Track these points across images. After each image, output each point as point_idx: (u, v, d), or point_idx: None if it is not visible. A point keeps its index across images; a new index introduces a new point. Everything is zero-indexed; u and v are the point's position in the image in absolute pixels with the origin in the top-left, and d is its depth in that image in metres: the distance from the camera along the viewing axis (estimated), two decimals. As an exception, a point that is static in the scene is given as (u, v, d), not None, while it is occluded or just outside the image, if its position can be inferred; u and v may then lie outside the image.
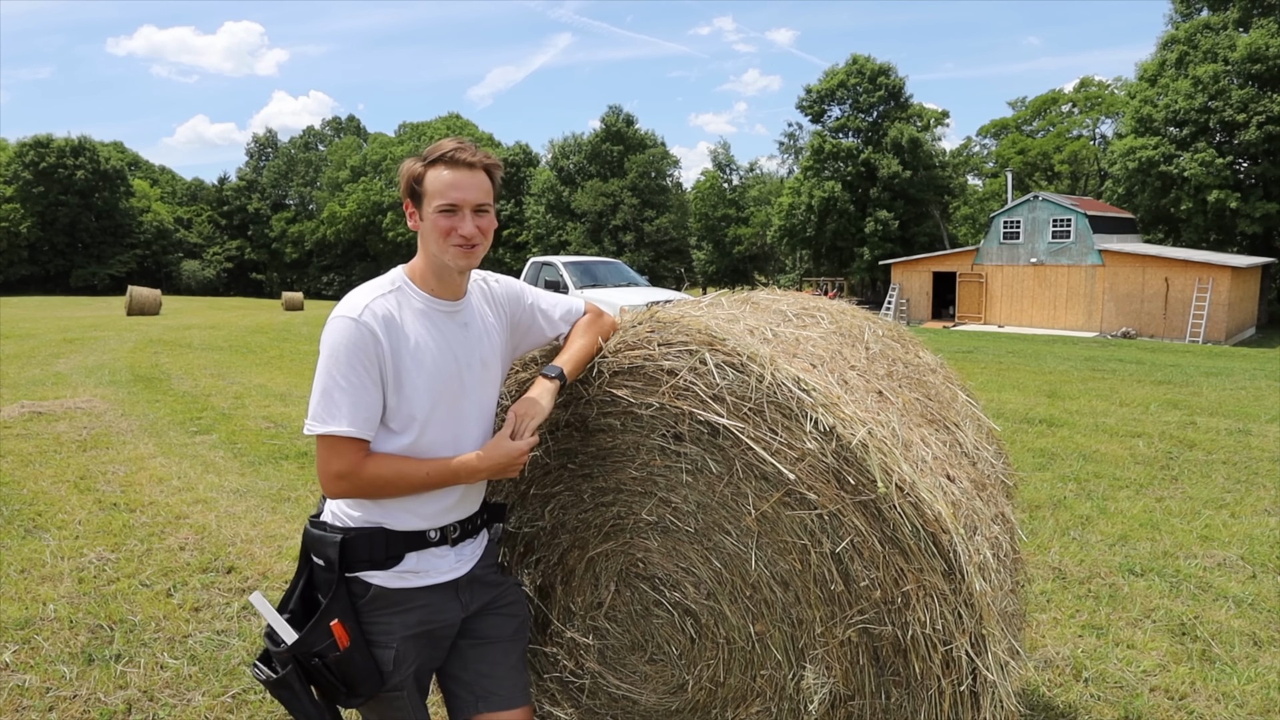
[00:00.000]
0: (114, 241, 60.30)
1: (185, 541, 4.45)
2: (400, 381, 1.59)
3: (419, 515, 1.69)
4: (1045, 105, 49.83)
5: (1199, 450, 6.76)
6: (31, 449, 6.53)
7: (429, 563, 1.70)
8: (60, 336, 16.85)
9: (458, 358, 1.68)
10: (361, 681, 1.65)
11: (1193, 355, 17.02)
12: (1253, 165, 30.37)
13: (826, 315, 2.29)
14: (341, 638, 1.61)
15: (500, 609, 1.85)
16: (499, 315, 1.84)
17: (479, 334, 1.75)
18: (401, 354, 1.59)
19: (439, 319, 1.68)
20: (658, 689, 2.07)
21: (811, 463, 1.69)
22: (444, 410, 1.66)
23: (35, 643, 3.27)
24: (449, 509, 1.72)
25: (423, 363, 1.62)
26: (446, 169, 1.62)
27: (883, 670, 1.73)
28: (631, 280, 14.80)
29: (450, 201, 1.61)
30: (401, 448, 1.62)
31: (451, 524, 1.73)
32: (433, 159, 1.63)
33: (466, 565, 1.77)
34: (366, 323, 1.55)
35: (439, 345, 1.65)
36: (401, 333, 1.61)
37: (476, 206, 1.63)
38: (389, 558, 1.65)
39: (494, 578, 1.85)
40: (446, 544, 1.72)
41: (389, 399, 1.59)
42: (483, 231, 1.65)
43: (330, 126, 76.01)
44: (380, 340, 1.56)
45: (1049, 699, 2.93)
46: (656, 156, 51.13)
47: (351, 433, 1.54)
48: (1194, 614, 3.59)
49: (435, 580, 1.71)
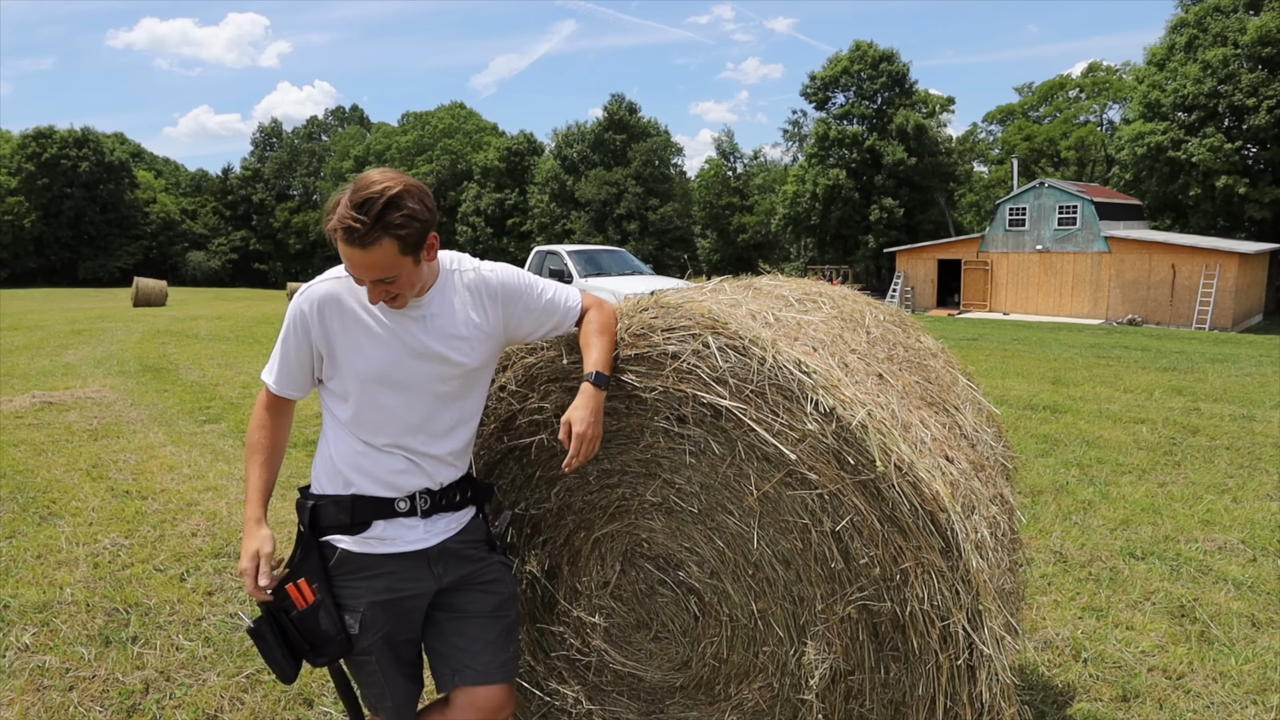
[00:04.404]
0: (120, 233, 60.47)
1: (197, 527, 4.52)
2: (335, 358, 1.72)
3: (370, 478, 1.73)
4: (1052, 91, 49.40)
5: (1202, 436, 6.78)
6: (44, 438, 6.61)
7: (396, 531, 1.74)
8: (68, 328, 16.96)
9: (408, 347, 1.69)
10: (325, 642, 1.72)
11: (1199, 342, 16.96)
12: (1262, 150, 30.11)
13: (828, 300, 2.32)
14: (298, 598, 1.69)
15: (479, 584, 1.85)
16: (486, 309, 1.80)
17: (444, 327, 1.73)
18: (335, 335, 1.70)
19: (391, 309, 1.69)
20: (662, 666, 2.12)
21: (812, 443, 1.72)
22: (384, 394, 1.70)
23: (54, 625, 3.34)
24: (399, 473, 1.74)
25: (360, 346, 1.69)
26: (343, 244, 1.55)
27: (882, 646, 1.78)
28: (636, 269, 14.80)
29: (358, 276, 1.60)
30: (346, 417, 1.75)
31: (416, 493, 1.76)
32: (331, 219, 1.55)
33: (437, 538, 1.78)
34: (301, 304, 1.71)
35: (384, 333, 1.68)
36: (340, 315, 1.69)
37: (376, 281, 1.59)
38: (355, 524, 1.72)
39: (473, 553, 1.85)
40: (416, 515, 1.76)
41: (326, 370, 1.75)
42: (397, 290, 1.62)
43: (334, 116, 75.91)
44: (310, 321, 1.70)
45: (1048, 678, 2.97)
46: (660, 145, 50.93)
47: (273, 388, 1.77)
48: (1193, 596, 3.63)
49: (402, 549, 1.75)
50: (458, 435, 1.82)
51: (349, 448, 1.75)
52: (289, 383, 1.77)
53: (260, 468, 1.79)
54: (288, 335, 1.72)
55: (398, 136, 65.17)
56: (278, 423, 1.81)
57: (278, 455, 1.82)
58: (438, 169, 60.46)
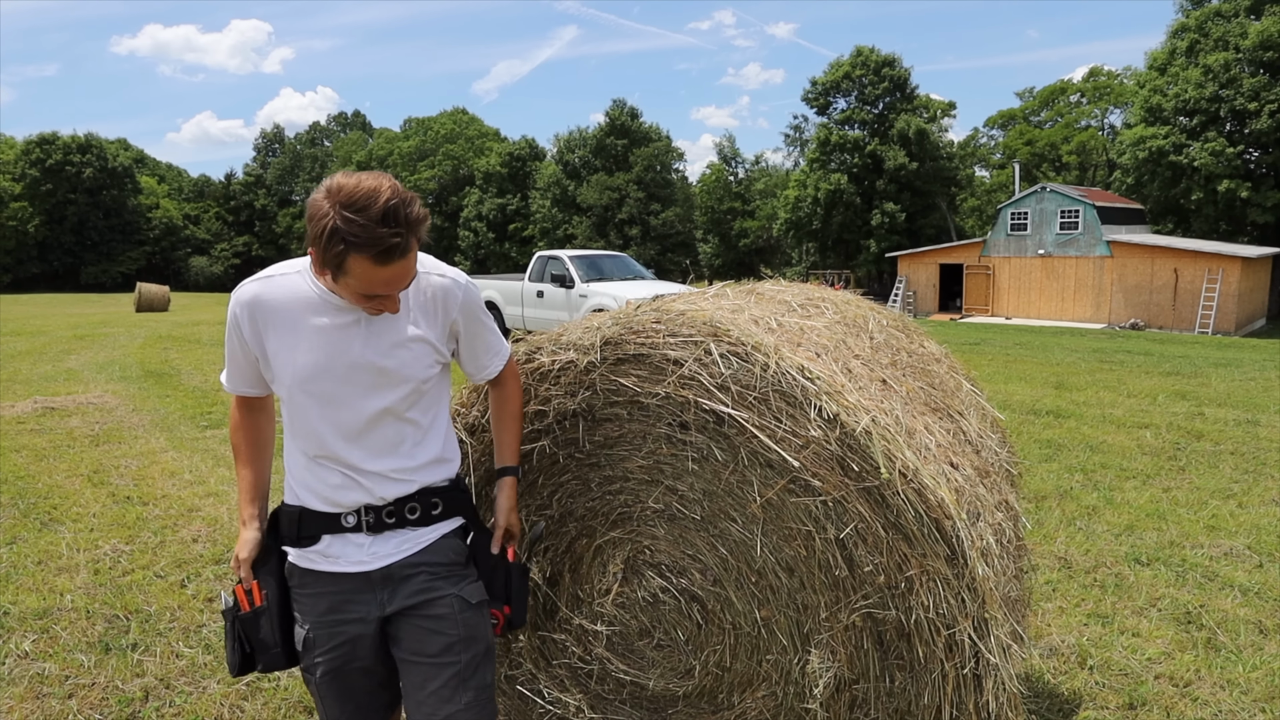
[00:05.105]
0: (123, 239, 60.63)
1: (198, 534, 4.51)
2: (268, 361, 1.63)
3: (311, 492, 1.64)
4: (1053, 95, 49.47)
5: (1207, 441, 6.75)
6: (45, 444, 6.61)
7: (341, 549, 1.63)
8: (71, 333, 16.98)
9: (341, 354, 1.57)
10: (263, 650, 1.69)
11: (1202, 346, 16.93)
12: (1264, 155, 30.09)
13: (831, 305, 2.31)
14: (243, 601, 1.69)
15: (424, 619, 1.64)
16: (435, 317, 1.65)
17: (386, 333, 1.59)
18: (267, 334, 1.60)
19: (331, 311, 1.57)
20: (665, 674, 2.10)
21: (816, 450, 1.71)
22: (311, 404, 1.59)
23: (53, 632, 3.33)
24: (336, 488, 1.61)
25: (288, 350, 1.58)
26: (376, 264, 1.40)
27: (887, 654, 1.76)
28: (638, 274, 14.79)
29: (378, 293, 1.48)
30: (286, 423, 1.66)
31: (360, 508, 1.62)
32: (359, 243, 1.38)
33: (382, 560, 1.63)
34: (232, 304, 1.62)
35: (317, 338, 1.57)
36: (271, 315, 1.58)
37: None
38: (302, 537, 1.65)
39: (425, 581, 1.65)
40: (363, 530, 1.62)
41: (265, 372, 1.66)
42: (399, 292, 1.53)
43: (336, 122, 76.19)
44: (241, 321, 1.61)
45: (1054, 686, 2.95)
46: (661, 150, 51.03)
47: (226, 387, 1.73)
48: (1200, 603, 3.60)
49: (344, 569, 1.63)
50: (408, 452, 1.65)
51: (294, 459, 1.67)
52: (241, 381, 1.69)
53: (244, 467, 1.75)
54: (229, 335, 1.65)
55: (400, 142, 65.38)
56: (253, 421, 1.76)
57: (262, 453, 1.78)
58: (440, 174, 60.63)
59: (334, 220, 1.38)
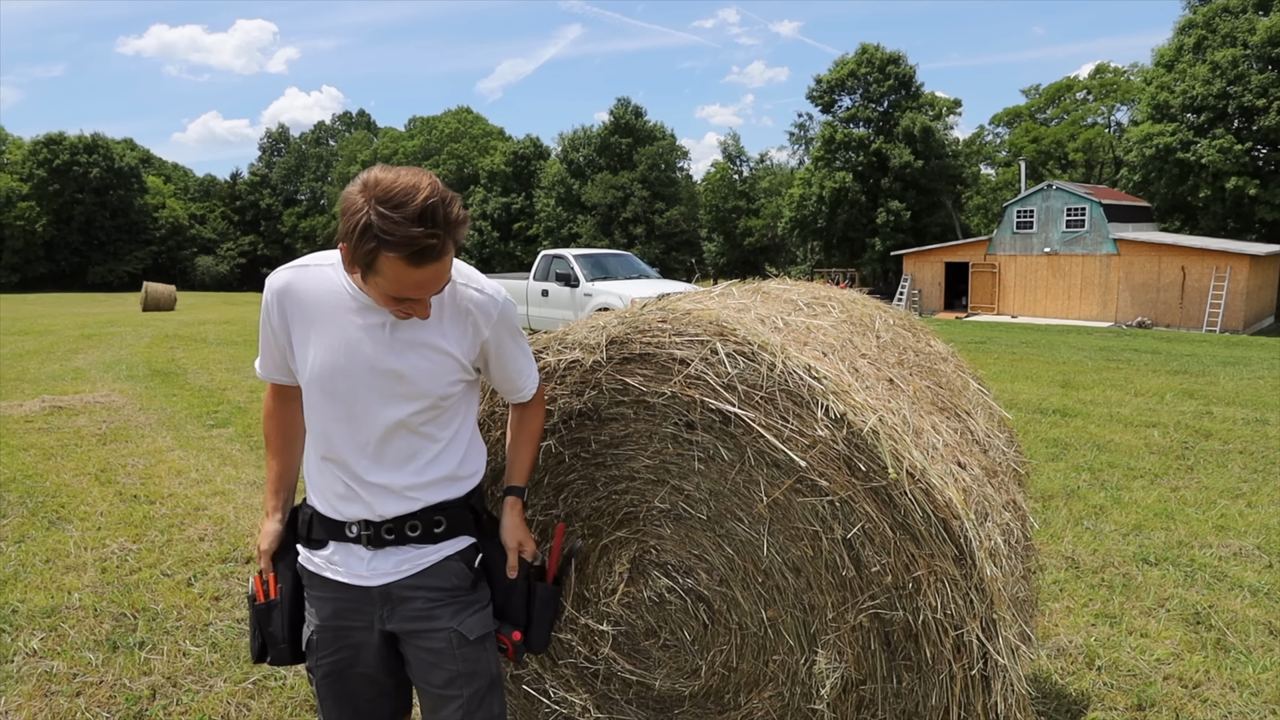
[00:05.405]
0: (129, 238, 60.88)
1: (204, 532, 4.52)
2: (291, 348, 1.60)
3: (319, 495, 1.62)
4: (1059, 93, 49.20)
5: (1215, 440, 6.71)
6: (53, 442, 6.63)
7: (345, 558, 1.61)
8: (78, 332, 17.06)
9: (361, 354, 1.51)
10: (273, 642, 1.69)
11: (1210, 345, 16.83)
12: (1272, 152, 29.90)
13: (837, 304, 2.30)
14: (259, 592, 1.70)
15: (424, 650, 1.61)
16: (466, 332, 1.58)
17: (408, 343, 1.52)
18: (293, 324, 1.57)
19: (359, 310, 1.52)
20: (671, 674, 2.10)
21: (822, 450, 1.70)
22: (324, 403, 1.55)
23: (61, 630, 3.34)
24: (339, 497, 1.58)
25: (308, 344, 1.55)
26: (409, 265, 1.34)
27: (894, 655, 1.75)
28: (642, 273, 14.79)
29: (408, 295, 1.41)
30: (306, 411, 1.62)
31: (358, 521, 1.58)
32: (392, 242, 1.31)
33: (381, 578, 1.58)
34: (266, 290, 1.60)
35: (342, 335, 1.51)
36: (298, 306, 1.55)
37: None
38: (312, 539, 1.64)
39: (425, 607, 1.59)
40: (363, 544, 1.58)
41: (289, 359, 1.63)
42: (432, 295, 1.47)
43: (341, 121, 76.32)
44: (271, 307, 1.58)
45: (1061, 687, 2.93)
46: (666, 148, 50.99)
47: (259, 373, 1.69)
48: (1209, 603, 3.58)
49: (345, 579, 1.60)
50: (419, 469, 1.57)
51: (309, 456, 1.64)
52: (273, 368, 1.66)
53: (273, 458, 1.73)
54: (262, 320, 1.62)
55: (404, 141, 65.45)
56: (284, 410, 1.72)
57: (291, 444, 1.73)
58: (444, 173, 60.66)
59: (367, 215, 1.31)
